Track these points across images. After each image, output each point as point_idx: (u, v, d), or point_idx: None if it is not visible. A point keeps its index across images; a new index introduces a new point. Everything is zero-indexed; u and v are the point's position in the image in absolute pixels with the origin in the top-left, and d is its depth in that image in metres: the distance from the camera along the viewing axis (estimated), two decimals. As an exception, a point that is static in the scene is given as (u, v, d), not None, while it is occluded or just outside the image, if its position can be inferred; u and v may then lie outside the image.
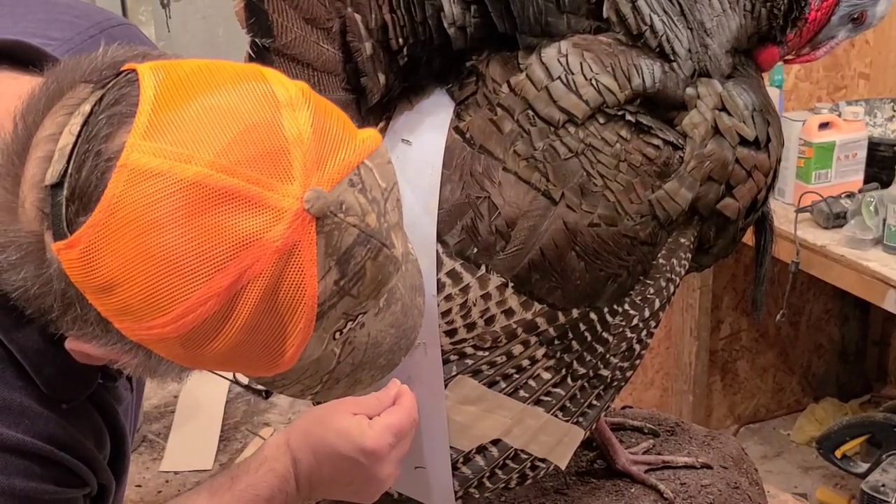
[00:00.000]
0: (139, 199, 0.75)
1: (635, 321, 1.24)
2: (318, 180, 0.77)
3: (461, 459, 1.25)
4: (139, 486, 1.59)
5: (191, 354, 0.80)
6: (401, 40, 1.15)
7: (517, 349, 1.22)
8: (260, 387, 1.08)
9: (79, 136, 0.78)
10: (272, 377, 0.86)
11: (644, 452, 1.49)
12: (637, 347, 1.26)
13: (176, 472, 1.62)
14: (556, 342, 1.22)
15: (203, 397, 1.81)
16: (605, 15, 1.19)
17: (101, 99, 0.79)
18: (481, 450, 1.25)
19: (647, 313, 1.24)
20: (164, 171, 0.75)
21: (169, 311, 0.76)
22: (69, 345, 0.84)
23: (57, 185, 0.77)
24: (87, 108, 0.79)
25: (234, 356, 0.80)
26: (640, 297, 1.23)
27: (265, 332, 0.79)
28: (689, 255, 1.25)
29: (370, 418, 1.10)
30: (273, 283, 0.76)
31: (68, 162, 0.77)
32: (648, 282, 1.23)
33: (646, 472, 1.44)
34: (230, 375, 1.05)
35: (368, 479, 1.09)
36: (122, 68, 0.82)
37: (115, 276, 0.76)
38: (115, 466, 1.01)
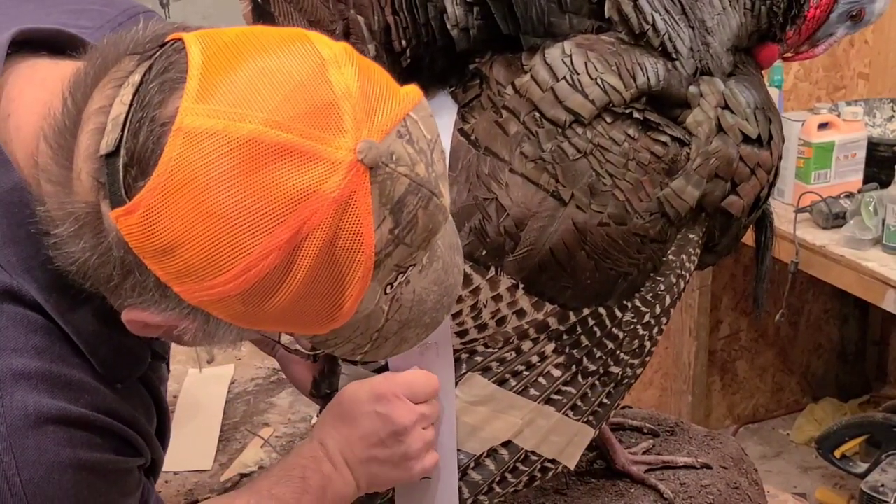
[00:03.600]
0: (197, 160, 0.76)
1: (647, 318, 1.24)
2: (369, 132, 0.79)
3: (472, 464, 1.25)
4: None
5: (252, 312, 0.81)
6: (404, 42, 1.15)
7: (526, 345, 1.21)
8: (306, 351, 1.11)
9: (131, 105, 0.79)
10: (325, 335, 0.87)
11: (644, 452, 1.49)
12: (647, 344, 1.26)
13: (176, 472, 1.62)
14: (565, 337, 1.22)
15: (203, 397, 1.81)
16: (607, 14, 1.19)
17: (150, 68, 0.81)
18: (491, 453, 1.25)
19: (658, 310, 1.24)
20: (220, 130, 0.76)
21: (230, 269, 0.77)
22: (126, 315, 0.85)
23: (112, 154, 0.79)
24: (136, 78, 0.80)
25: (294, 311, 0.81)
26: (650, 294, 1.23)
27: (325, 283, 0.80)
28: (699, 251, 1.25)
29: None
30: (331, 234, 0.78)
31: (122, 130, 0.78)
32: (659, 279, 1.23)
33: (645, 472, 1.44)
34: (276, 337, 1.07)
35: (395, 434, 1.11)
36: (166, 39, 0.84)
37: (176, 237, 0.77)
38: (160, 440, 1.03)
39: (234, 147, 0.76)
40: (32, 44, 0.91)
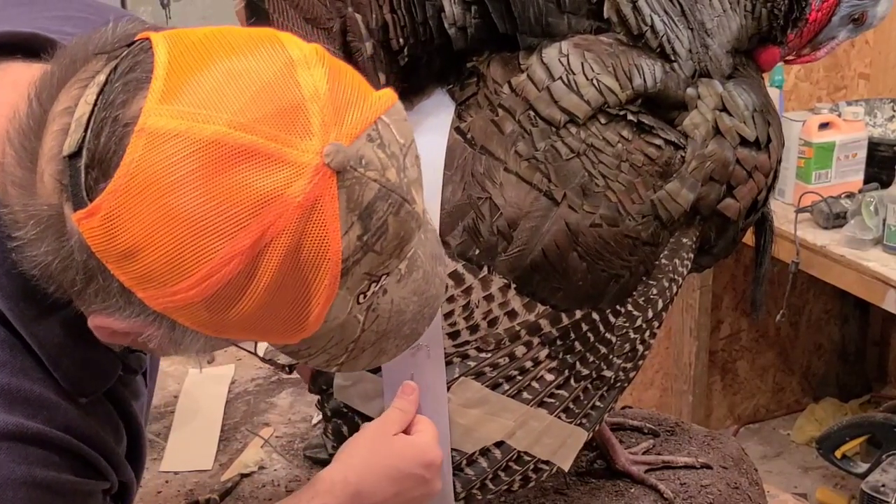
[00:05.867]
0: (159, 161, 0.75)
1: (639, 322, 1.24)
2: (337, 135, 0.77)
3: (464, 462, 1.25)
4: (139, 486, 1.59)
5: (216, 319, 0.79)
6: (401, 40, 1.15)
7: (520, 350, 1.22)
8: (283, 362, 1.08)
9: (95, 104, 0.78)
10: (297, 346, 0.86)
11: (644, 452, 1.49)
12: (640, 348, 1.26)
13: (176, 472, 1.62)
14: (559, 343, 1.22)
15: (203, 397, 1.81)
16: (605, 15, 1.19)
17: (115, 68, 0.79)
18: (484, 452, 1.25)
19: (650, 314, 1.24)
20: (182, 131, 0.75)
21: (192, 274, 0.76)
22: (93, 322, 0.83)
23: (75, 155, 0.77)
24: (101, 77, 0.79)
25: (259, 319, 0.80)
26: (643, 298, 1.23)
27: (290, 290, 0.78)
28: (692, 256, 1.24)
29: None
30: (296, 240, 0.76)
31: (86, 131, 0.77)
32: (651, 282, 1.23)
33: (646, 472, 1.44)
34: (252, 348, 1.03)
35: (429, 491, 1.13)
36: (134, 39, 0.82)
37: (138, 240, 0.75)
38: (132, 462, 1.01)
39: (197, 149, 0.74)
40: (7, 47, 0.90)
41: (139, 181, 0.75)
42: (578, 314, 1.21)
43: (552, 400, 1.24)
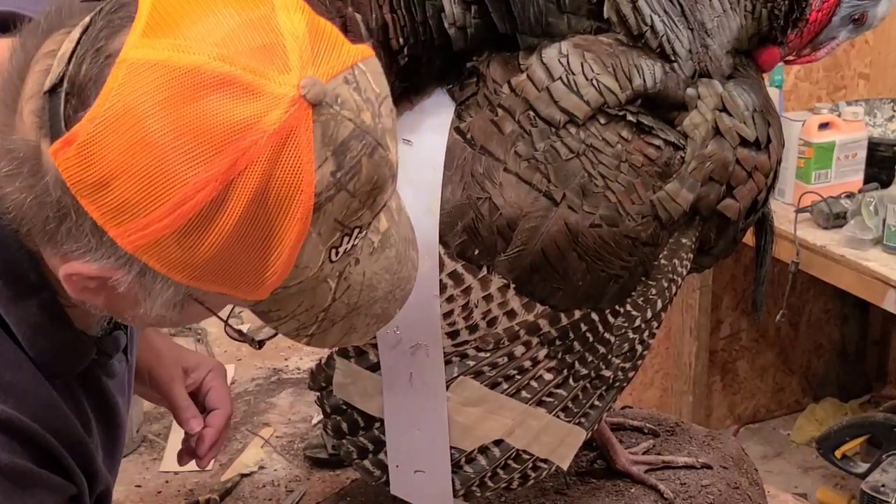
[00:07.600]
0: (137, 89, 0.76)
1: (637, 322, 1.24)
2: (314, 73, 0.78)
3: (463, 459, 1.26)
4: (139, 486, 1.59)
5: (186, 258, 0.78)
6: (401, 40, 1.15)
7: (519, 350, 1.22)
8: (254, 336, 1.03)
9: (78, 42, 0.79)
10: (268, 304, 0.85)
11: (644, 452, 1.49)
12: (639, 348, 1.26)
13: (176, 472, 1.62)
14: (558, 342, 1.22)
15: (203, 397, 1.80)
16: (605, 15, 1.19)
17: (100, 10, 0.80)
18: (483, 450, 1.26)
19: (649, 314, 1.24)
20: (162, 60, 0.76)
21: (166, 201, 0.76)
22: (64, 270, 0.83)
23: (55, 88, 0.78)
24: (86, 20, 0.80)
25: (231, 256, 0.79)
26: (642, 298, 1.23)
27: (262, 223, 0.78)
28: (691, 256, 1.25)
29: None
30: (270, 168, 0.76)
31: (67, 65, 0.78)
32: (650, 283, 1.23)
33: (646, 472, 1.44)
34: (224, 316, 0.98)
35: None
36: None
37: (113, 168, 0.76)
38: (109, 445, 1.00)
39: (175, 76, 0.75)
40: None
41: (117, 109, 0.75)
42: (577, 314, 1.21)
43: (551, 399, 1.24)
